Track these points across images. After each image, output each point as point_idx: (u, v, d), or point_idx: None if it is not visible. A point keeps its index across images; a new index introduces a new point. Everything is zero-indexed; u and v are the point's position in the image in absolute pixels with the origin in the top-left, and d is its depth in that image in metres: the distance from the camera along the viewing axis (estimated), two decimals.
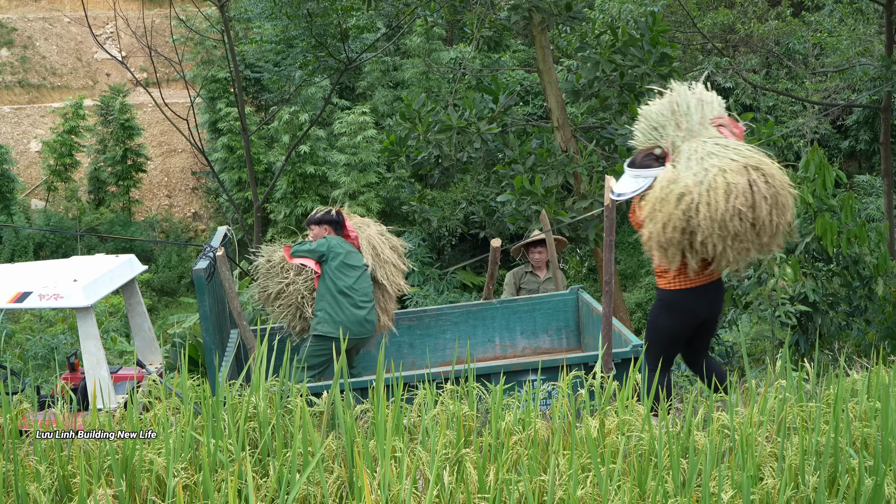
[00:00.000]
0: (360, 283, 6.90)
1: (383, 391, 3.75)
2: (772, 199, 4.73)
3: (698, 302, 5.18)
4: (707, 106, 5.22)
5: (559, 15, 11.17)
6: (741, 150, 4.91)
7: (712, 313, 5.32)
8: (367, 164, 21.25)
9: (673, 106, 5.24)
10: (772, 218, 4.76)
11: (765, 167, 4.79)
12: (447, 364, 7.80)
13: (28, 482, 3.54)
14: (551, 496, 3.43)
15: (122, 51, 28.57)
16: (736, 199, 4.68)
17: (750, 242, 4.81)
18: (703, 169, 4.82)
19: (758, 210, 4.71)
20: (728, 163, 4.79)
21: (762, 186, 4.72)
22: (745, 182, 4.71)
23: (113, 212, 25.66)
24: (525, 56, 24.25)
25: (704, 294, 5.18)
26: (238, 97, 12.12)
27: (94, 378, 5.41)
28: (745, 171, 4.74)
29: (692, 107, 5.19)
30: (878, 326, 8.74)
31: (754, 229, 4.77)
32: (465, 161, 11.89)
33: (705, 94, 5.31)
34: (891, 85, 13.83)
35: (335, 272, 6.81)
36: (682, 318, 5.21)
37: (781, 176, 4.84)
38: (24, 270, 6.09)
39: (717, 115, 5.16)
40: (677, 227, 4.83)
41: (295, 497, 3.33)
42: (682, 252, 4.94)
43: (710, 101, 5.26)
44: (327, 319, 6.79)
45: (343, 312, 6.78)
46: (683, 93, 5.28)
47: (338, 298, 6.79)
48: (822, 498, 3.40)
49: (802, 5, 21.99)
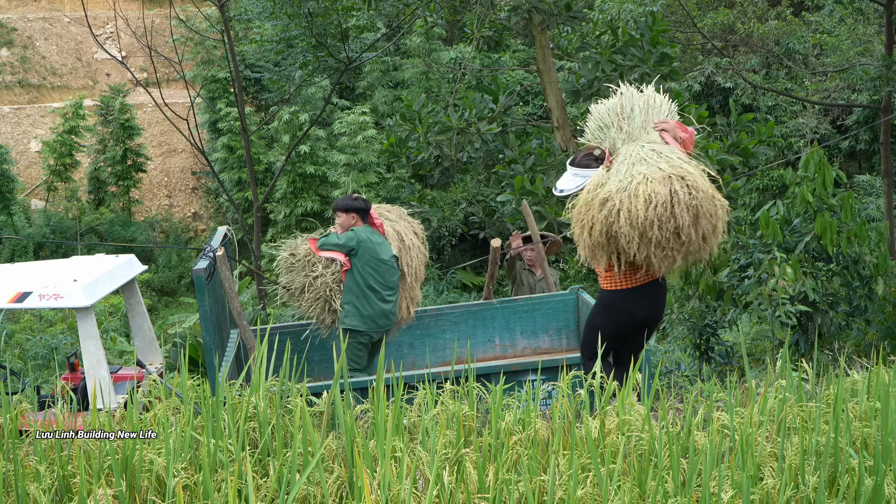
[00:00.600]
0: (388, 277, 6.90)
1: (383, 391, 3.75)
2: (694, 209, 4.74)
3: (637, 302, 5.20)
4: (653, 110, 5.23)
5: (559, 15, 11.18)
6: (672, 158, 4.90)
7: (652, 314, 5.30)
8: (367, 164, 21.26)
9: (618, 108, 5.25)
10: (697, 228, 4.77)
11: (689, 178, 4.78)
12: (447, 364, 7.80)
13: (28, 482, 3.54)
14: (551, 496, 3.43)
15: (122, 51, 28.57)
16: (655, 209, 4.71)
17: (676, 251, 4.83)
18: (630, 175, 4.85)
19: (679, 220, 4.71)
20: (654, 171, 4.81)
21: (684, 197, 4.73)
22: (667, 192, 4.72)
23: (113, 212, 25.66)
24: (525, 56, 24.24)
25: (643, 294, 5.19)
26: (238, 97, 12.12)
27: (94, 378, 5.41)
28: (668, 181, 4.76)
29: (636, 110, 5.21)
30: (878, 326, 8.74)
31: (679, 238, 4.78)
32: (465, 161, 11.90)
33: (654, 97, 5.31)
34: (891, 84, 13.83)
35: (365, 267, 6.80)
36: (620, 318, 5.24)
37: (707, 187, 4.83)
38: (24, 270, 6.09)
39: (661, 120, 5.16)
40: (601, 231, 4.89)
41: (295, 497, 3.33)
42: (609, 255, 4.98)
43: (658, 105, 5.27)
44: (354, 313, 6.82)
45: (371, 307, 6.81)
46: (630, 95, 5.29)
47: (365, 293, 6.81)
48: (822, 498, 3.40)
49: (802, 5, 21.99)
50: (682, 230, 4.74)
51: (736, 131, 11.26)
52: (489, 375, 5.70)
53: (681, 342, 9.63)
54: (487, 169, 12.15)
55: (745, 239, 9.08)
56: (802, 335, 8.49)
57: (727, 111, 19.93)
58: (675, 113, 5.37)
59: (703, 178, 4.88)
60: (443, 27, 23.10)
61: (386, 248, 6.93)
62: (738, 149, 10.80)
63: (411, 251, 7.19)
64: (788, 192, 9.09)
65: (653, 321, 5.35)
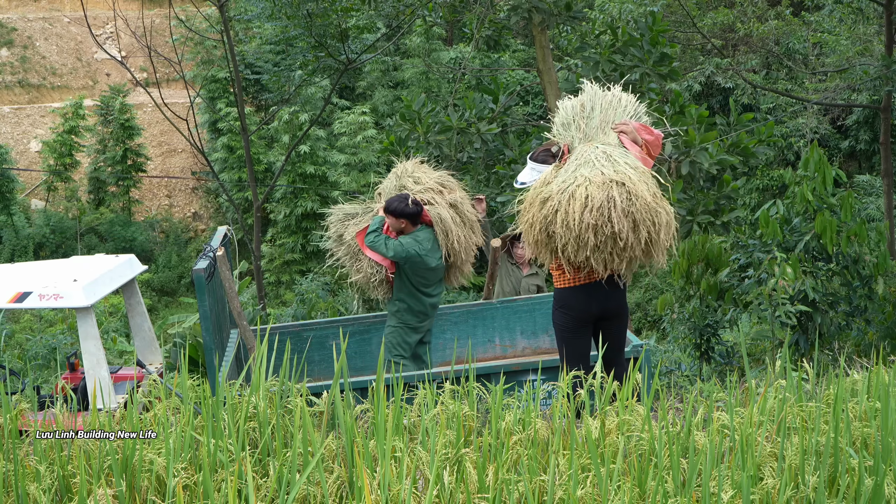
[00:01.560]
0: (435, 277, 7.11)
1: (383, 391, 3.75)
2: (632, 216, 4.72)
3: (587, 300, 5.18)
4: (615, 110, 5.20)
5: (559, 15, 11.17)
6: (618, 163, 4.87)
7: (604, 311, 5.24)
8: (367, 164, 21.27)
9: (579, 106, 5.25)
10: (637, 235, 4.74)
11: (630, 185, 4.75)
12: (447, 364, 7.80)
13: (28, 482, 3.54)
14: (551, 496, 3.43)
15: (121, 51, 28.57)
16: (591, 213, 4.70)
17: (617, 255, 4.81)
18: (573, 177, 4.85)
19: (616, 225, 4.69)
20: (596, 175, 4.79)
21: (621, 203, 4.70)
22: (604, 197, 4.70)
23: (113, 212, 25.67)
24: (525, 56, 24.25)
25: (592, 292, 5.16)
26: (238, 97, 12.12)
27: (94, 378, 5.41)
28: (607, 186, 4.73)
29: (597, 109, 5.19)
30: (878, 326, 8.74)
31: (618, 244, 4.76)
32: (465, 161, 11.89)
33: (620, 97, 5.29)
34: (891, 84, 13.83)
35: (414, 275, 6.99)
36: (572, 315, 5.23)
37: (648, 195, 4.78)
38: (24, 270, 6.09)
39: (622, 122, 5.13)
40: (541, 230, 4.90)
41: (295, 497, 3.33)
42: (552, 252, 4.98)
43: (623, 105, 5.25)
44: (406, 310, 7.06)
45: (421, 303, 7.07)
46: (593, 94, 5.27)
47: (415, 293, 7.03)
48: (822, 498, 3.40)
49: (802, 5, 21.99)
50: (619, 235, 4.72)
51: (736, 131, 11.26)
52: (489, 375, 5.69)
53: (681, 342, 9.63)
54: (487, 169, 12.14)
55: (745, 238, 9.08)
56: (802, 335, 8.49)
57: (727, 111, 19.94)
58: (643, 114, 5.34)
59: (648, 186, 4.83)
60: (443, 27, 23.11)
61: (434, 254, 7.01)
62: (738, 149, 10.79)
63: (462, 228, 7.22)
64: (788, 191, 9.09)
65: (610, 317, 5.28)
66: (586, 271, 5.09)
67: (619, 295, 5.26)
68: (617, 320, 5.34)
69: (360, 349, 8.16)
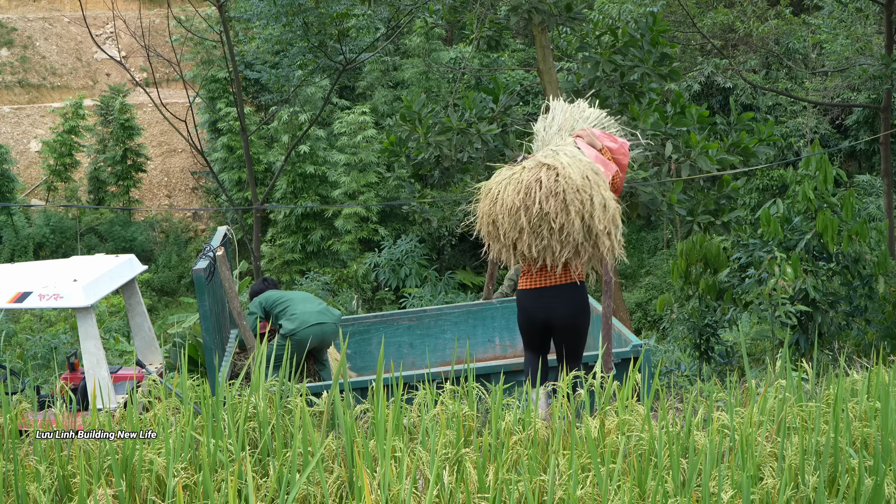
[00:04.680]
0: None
1: (383, 391, 3.75)
2: (560, 196, 4.86)
3: (535, 304, 5.25)
4: (574, 119, 5.42)
5: (559, 15, 11.16)
6: (557, 154, 5.04)
7: (550, 318, 5.24)
8: (367, 163, 21.25)
9: (542, 118, 5.54)
10: (570, 216, 4.85)
11: (560, 168, 4.91)
12: (447, 364, 7.80)
13: (28, 482, 3.54)
14: (551, 496, 3.43)
15: (121, 51, 28.56)
16: (519, 195, 4.92)
17: (558, 242, 4.91)
18: (514, 168, 5.10)
19: (544, 205, 4.85)
20: (531, 163, 5.03)
21: (547, 183, 4.88)
22: (532, 178, 4.93)
23: (113, 212, 25.67)
24: (525, 56, 24.25)
25: (540, 297, 5.24)
26: (237, 97, 12.12)
27: (94, 378, 5.41)
28: (537, 169, 4.96)
29: (557, 118, 5.44)
30: (878, 326, 8.74)
31: (553, 227, 4.87)
32: (465, 161, 11.90)
33: (584, 108, 5.52)
34: (890, 84, 13.82)
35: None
36: (524, 317, 5.33)
37: (577, 177, 4.89)
38: (24, 270, 6.09)
39: (581, 129, 5.32)
40: (489, 221, 5.10)
41: (295, 497, 3.33)
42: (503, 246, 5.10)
43: (586, 116, 5.46)
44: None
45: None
46: (555, 107, 5.55)
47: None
48: (822, 498, 3.40)
49: (801, 5, 21.97)
50: (552, 217, 4.86)
51: (736, 131, 11.26)
52: (489, 375, 5.69)
53: (681, 342, 9.63)
54: (487, 169, 12.14)
55: (745, 238, 9.09)
56: (802, 335, 8.49)
57: (727, 111, 19.94)
58: (611, 126, 5.52)
59: (581, 171, 4.93)
60: (443, 27, 23.10)
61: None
62: (739, 148, 10.80)
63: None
64: (789, 190, 9.09)
65: (559, 327, 5.29)
66: (537, 269, 5.18)
67: (568, 303, 5.23)
68: (569, 332, 5.30)
69: (359, 349, 8.17)
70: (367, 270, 19.80)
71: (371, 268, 19.44)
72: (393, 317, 8.34)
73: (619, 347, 6.49)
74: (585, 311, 5.31)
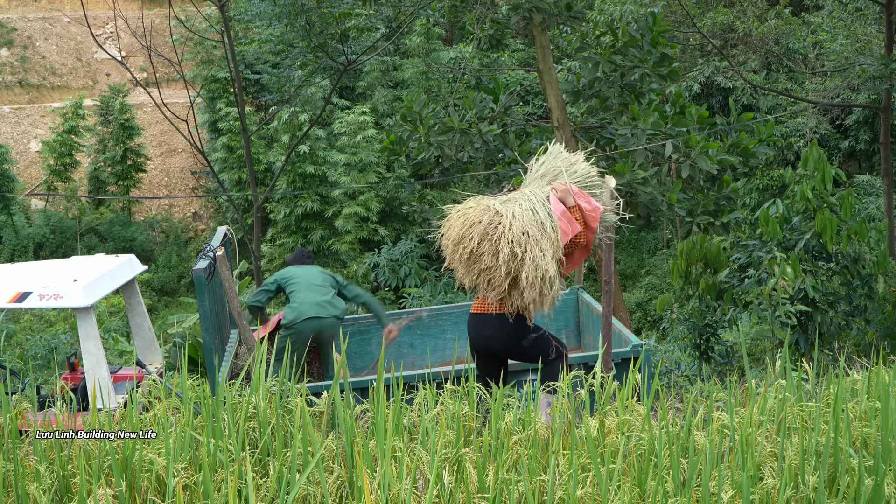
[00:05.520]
0: None
1: (383, 391, 3.75)
2: (491, 241, 5.10)
3: (474, 328, 5.50)
4: (560, 171, 5.56)
5: (559, 15, 11.17)
6: (516, 202, 5.24)
7: (488, 344, 5.46)
8: (367, 163, 21.26)
9: (540, 159, 5.74)
10: (497, 261, 5.08)
11: (504, 217, 5.13)
12: (447, 364, 7.80)
13: (28, 482, 3.54)
14: (551, 496, 3.43)
15: (121, 51, 28.58)
16: (459, 229, 5.20)
17: (484, 279, 5.16)
18: (476, 202, 5.33)
19: (474, 244, 5.12)
20: (484, 203, 5.26)
21: (484, 227, 5.13)
22: (476, 219, 5.17)
23: (113, 212, 25.67)
24: (525, 56, 24.25)
25: (477, 322, 5.48)
26: (238, 97, 12.12)
27: (94, 378, 5.41)
28: (485, 210, 5.20)
29: (545, 164, 5.65)
30: (877, 326, 8.74)
31: (479, 265, 5.13)
32: (465, 161, 11.90)
33: (575, 161, 5.65)
34: (890, 84, 13.82)
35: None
36: (469, 338, 5.55)
37: (516, 232, 5.11)
38: (24, 270, 6.09)
39: (560, 183, 5.45)
40: (446, 245, 5.33)
41: (295, 497, 3.33)
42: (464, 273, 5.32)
43: (573, 168, 5.60)
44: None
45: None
46: (550, 151, 5.74)
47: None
48: (822, 498, 3.40)
49: (801, 5, 21.97)
50: (481, 257, 5.13)
51: (736, 131, 11.26)
52: None
53: (681, 342, 9.63)
54: (487, 169, 12.14)
55: (745, 238, 9.09)
56: (802, 335, 8.49)
57: (727, 111, 19.93)
58: (596, 186, 5.60)
59: (524, 229, 5.13)
60: (443, 27, 23.10)
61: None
62: (738, 149, 10.80)
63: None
64: (788, 190, 9.09)
65: (496, 350, 5.49)
66: (486, 302, 5.43)
67: (500, 332, 5.42)
68: (511, 356, 5.56)
69: (359, 349, 8.17)
70: (367, 270, 19.80)
71: (371, 268, 19.45)
72: (393, 317, 8.33)
73: (619, 347, 6.50)
74: (519, 339, 5.46)
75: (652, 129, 10.48)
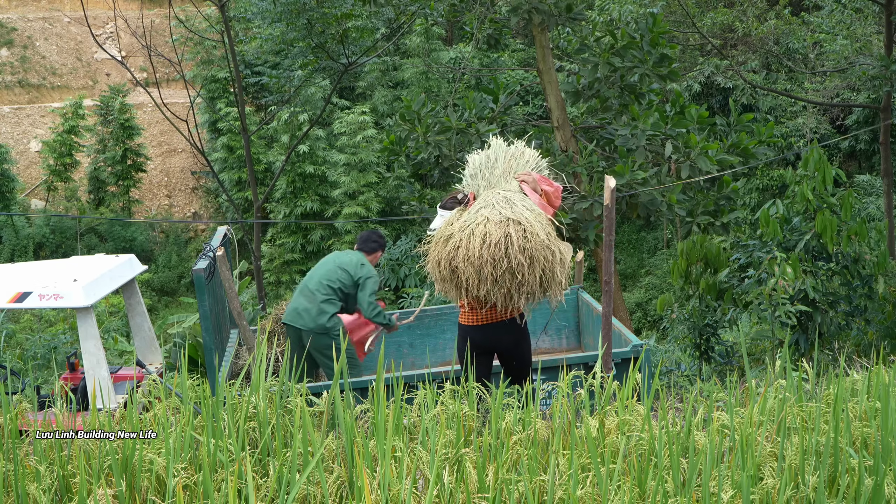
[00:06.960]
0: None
1: (383, 391, 3.75)
2: (528, 252, 5.12)
3: (482, 337, 5.67)
4: (517, 161, 5.66)
5: (559, 16, 11.16)
6: (516, 205, 5.27)
7: (496, 347, 5.71)
8: (366, 163, 21.25)
9: (484, 158, 5.74)
10: (534, 271, 5.13)
11: (526, 224, 5.16)
12: (447, 364, 7.79)
13: (28, 482, 3.54)
14: (551, 496, 3.43)
15: (121, 51, 28.58)
16: (489, 249, 5.11)
17: (515, 290, 5.19)
18: (474, 217, 5.28)
19: (513, 260, 5.09)
20: (495, 215, 5.21)
21: (517, 240, 5.11)
22: (502, 234, 5.11)
23: (113, 212, 25.66)
24: (525, 56, 24.24)
25: (486, 331, 5.65)
26: (238, 97, 12.12)
27: (94, 378, 5.41)
28: (505, 224, 5.15)
29: (500, 160, 5.65)
30: (877, 326, 8.74)
31: (515, 278, 5.14)
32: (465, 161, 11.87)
33: (524, 151, 5.76)
34: (889, 84, 13.82)
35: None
36: (472, 346, 5.67)
37: (542, 234, 5.17)
38: (24, 270, 6.09)
39: (524, 172, 5.57)
40: (446, 266, 5.29)
41: (295, 497, 3.33)
42: (457, 289, 5.34)
43: (526, 158, 5.71)
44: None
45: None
46: (497, 146, 5.77)
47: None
48: (822, 498, 3.40)
49: (801, 5, 21.96)
50: (517, 271, 5.11)
51: (736, 131, 11.25)
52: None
53: (681, 342, 9.63)
54: None
55: (745, 238, 9.08)
56: (802, 335, 8.49)
57: (727, 111, 19.92)
58: (544, 168, 5.78)
59: (543, 226, 5.24)
60: (443, 27, 23.09)
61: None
62: (738, 149, 10.80)
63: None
64: (788, 190, 9.09)
65: (502, 352, 5.75)
66: (487, 308, 5.51)
67: (512, 335, 5.69)
68: (513, 356, 5.75)
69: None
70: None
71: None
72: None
73: (619, 347, 6.49)
74: (525, 339, 5.77)
75: (652, 129, 10.48)
